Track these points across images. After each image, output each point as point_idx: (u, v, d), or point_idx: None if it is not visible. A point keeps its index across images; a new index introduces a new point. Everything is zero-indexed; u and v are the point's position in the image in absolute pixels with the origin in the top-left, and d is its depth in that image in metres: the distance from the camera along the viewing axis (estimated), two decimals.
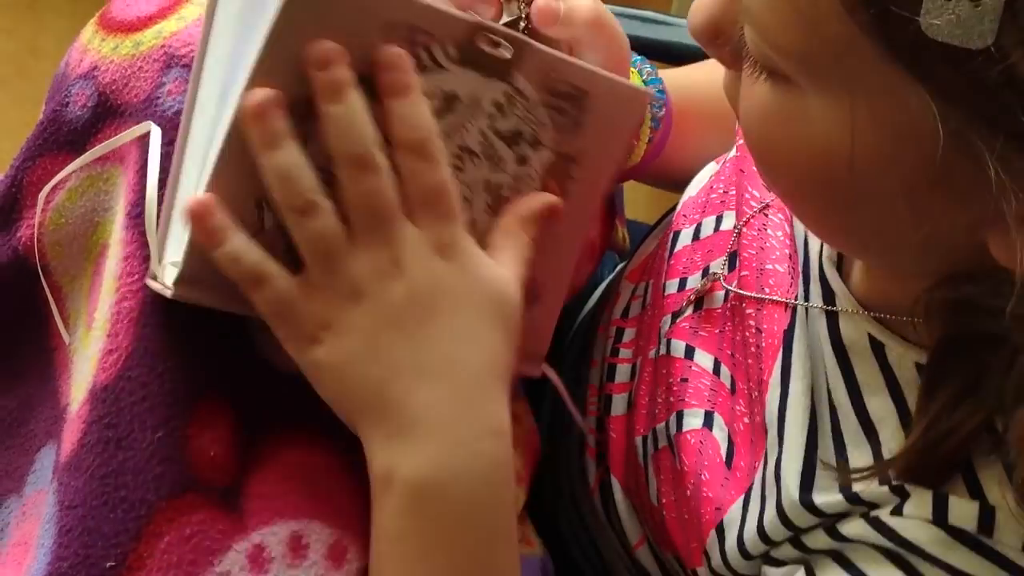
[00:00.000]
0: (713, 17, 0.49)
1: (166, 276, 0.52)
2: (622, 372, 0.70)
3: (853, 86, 0.41)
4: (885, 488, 0.50)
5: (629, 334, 0.71)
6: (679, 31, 0.95)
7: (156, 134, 0.55)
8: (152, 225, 0.53)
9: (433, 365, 0.51)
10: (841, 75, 0.41)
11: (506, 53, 0.54)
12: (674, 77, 0.73)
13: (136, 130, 0.56)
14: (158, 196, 0.54)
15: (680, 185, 0.76)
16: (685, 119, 0.72)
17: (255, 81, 0.49)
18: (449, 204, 0.53)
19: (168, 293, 0.52)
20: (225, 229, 0.50)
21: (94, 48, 0.59)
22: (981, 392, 0.46)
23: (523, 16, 0.57)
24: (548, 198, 0.57)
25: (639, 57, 0.69)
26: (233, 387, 0.55)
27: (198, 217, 0.49)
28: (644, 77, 0.69)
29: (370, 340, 0.51)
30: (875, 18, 0.37)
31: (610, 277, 0.84)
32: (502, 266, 0.55)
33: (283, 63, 0.49)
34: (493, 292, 0.54)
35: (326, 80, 0.49)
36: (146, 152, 0.55)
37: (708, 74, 0.74)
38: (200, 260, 0.51)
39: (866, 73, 0.40)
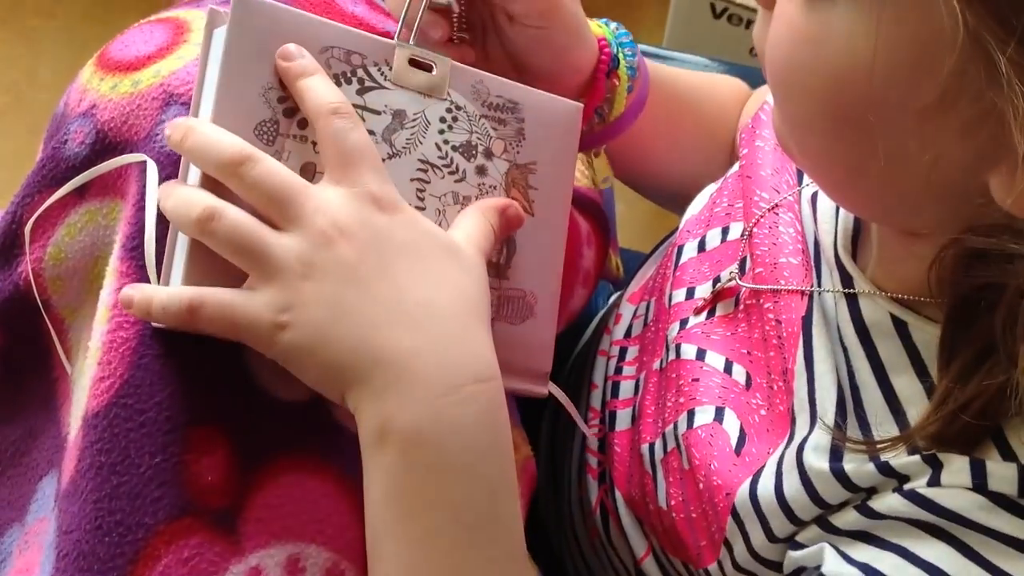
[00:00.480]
0: None
1: None
2: (626, 388, 0.71)
3: None
4: (917, 458, 0.50)
5: (632, 352, 0.72)
6: (673, 64, 0.97)
7: (152, 168, 0.56)
8: (151, 258, 0.55)
9: (406, 311, 0.52)
10: None
11: (433, 70, 0.58)
12: (661, 67, 0.74)
13: (126, 159, 0.57)
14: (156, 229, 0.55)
15: (650, 183, 0.78)
16: (666, 97, 0.73)
17: (215, 115, 0.53)
18: (377, 161, 0.54)
19: (161, 324, 0.53)
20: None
21: (93, 88, 0.60)
22: (996, 354, 0.47)
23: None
24: (508, 200, 0.60)
25: (605, 19, 0.70)
26: (230, 415, 0.55)
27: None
28: (612, 29, 0.70)
29: (335, 304, 0.51)
30: None
31: (607, 306, 0.85)
32: (455, 230, 0.57)
33: (235, 93, 0.53)
34: (445, 240, 0.55)
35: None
36: (144, 187, 0.56)
37: (696, 76, 0.76)
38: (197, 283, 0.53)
39: None
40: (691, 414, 0.62)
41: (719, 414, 0.61)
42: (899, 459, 0.51)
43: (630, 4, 1.81)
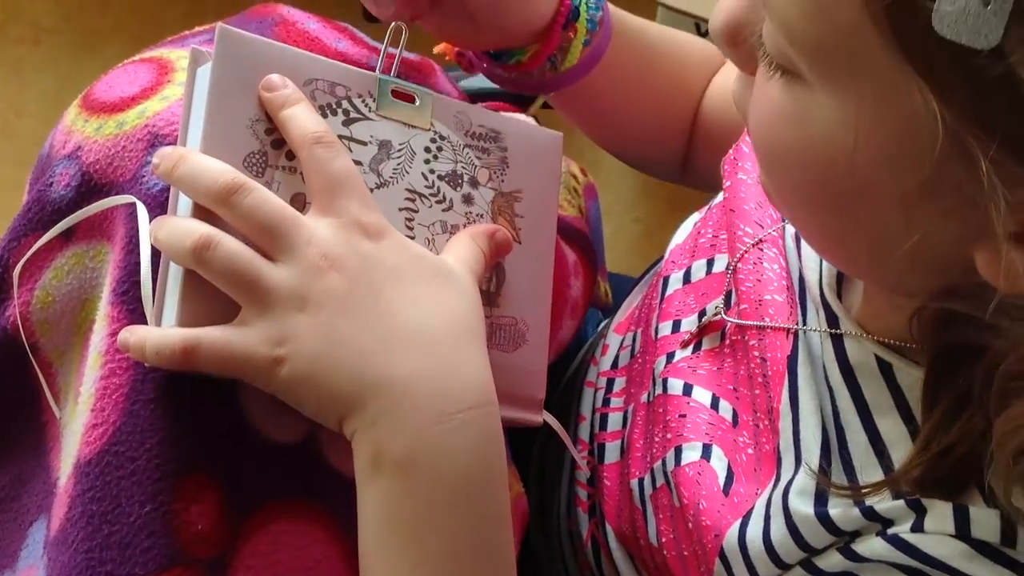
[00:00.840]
0: (734, 17, 0.50)
1: None
2: (614, 421, 0.70)
3: (861, 81, 0.43)
4: (901, 503, 0.50)
5: (619, 383, 0.72)
6: None
7: (143, 211, 0.56)
8: (149, 301, 0.54)
9: (399, 338, 0.52)
10: (850, 69, 0.43)
11: (416, 101, 0.59)
12: (633, 20, 0.73)
13: (113, 200, 0.57)
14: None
15: (601, 135, 0.78)
16: (627, 56, 0.72)
17: (204, 148, 0.53)
18: (363, 188, 0.54)
19: None
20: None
21: (77, 129, 0.60)
22: (975, 403, 0.47)
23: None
24: (496, 225, 0.60)
25: None
26: (221, 460, 0.55)
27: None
28: None
29: (329, 335, 0.51)
30: (886, 9, 0.39)
31: (593, 336, 0.84)
32: (446, 254, 0.57)
33: (223, 126, 0.54)
34: (436, 264, 0.55)
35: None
36: (132, 230, 0.56)
37: (667, 34, 0.76)
38: (192, 321, 0.52)
39: (874, 67, 0.41)
40: (678, 451, 0.62)
41: (706, 451, 0.61)
42: (883, 503, 0.51)
43: None
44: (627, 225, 1.65)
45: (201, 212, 0.53)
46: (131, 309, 0.56)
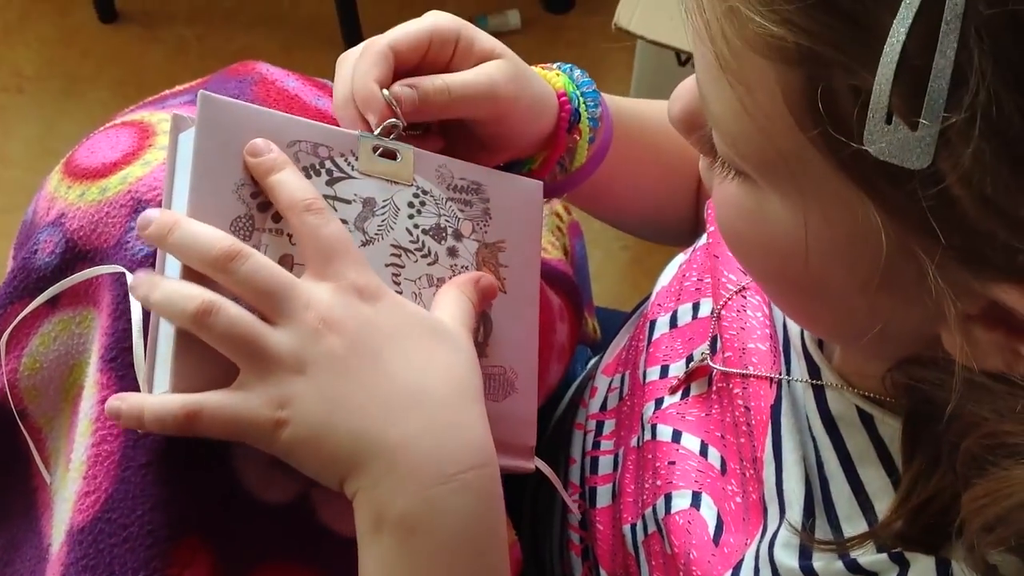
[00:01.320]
0: (689, 106, 0.51)
1: None
2: (604, 464, 0.71)
3: (806, 194, 0.43)
4: (884, 556, 0.50)
5: (609, 426, 0.72)
6: None
7: (131, 279, 0.56)
8: (140, 366, 0.54)
9: (398, 400, 0.52)
10: (795, 183, 0.43)
11: (397, 157, 0.59)
12: (625, 105, 0.74)
13: (99, 270, 0.57)
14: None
15: (613, 218, 0.78)
16: (629, 141, 0.73)
17: (192, 213, 0.53)
18: (354, 252, 0.55)
19: None
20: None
21: (60, 196, 0.60)
22: (945, 464, 0.47)
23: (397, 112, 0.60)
24: (480, 273, 0.61)
25: (568, 65, 0.70)
26: (214, 523, 0.55)
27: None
28: (576, 77, 0.69)
29: (329, 398, 0.51)
30: (822, 134, 0.39)
31: (582, 375, 0.85)
32: (438, 311, 0.57)
33: (209, 192, 0.54)
34: (431, 323, 0.55)
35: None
36: (119, 296, 0.56)
37: (656, 107, 0.76)
38: (186, 383, 0.52)
39: (818, 183, 0.42)
40: (668, 498, 0.62)
41: (696, 500, 0.61)
42: (867, 556, 0.51)
43: (594, 56, 1.83)
44: (615, 253, 1.65)
45: (192, 275, 0.53)
46: (120, 376, 0.56)
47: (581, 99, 0.67)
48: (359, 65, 0.59)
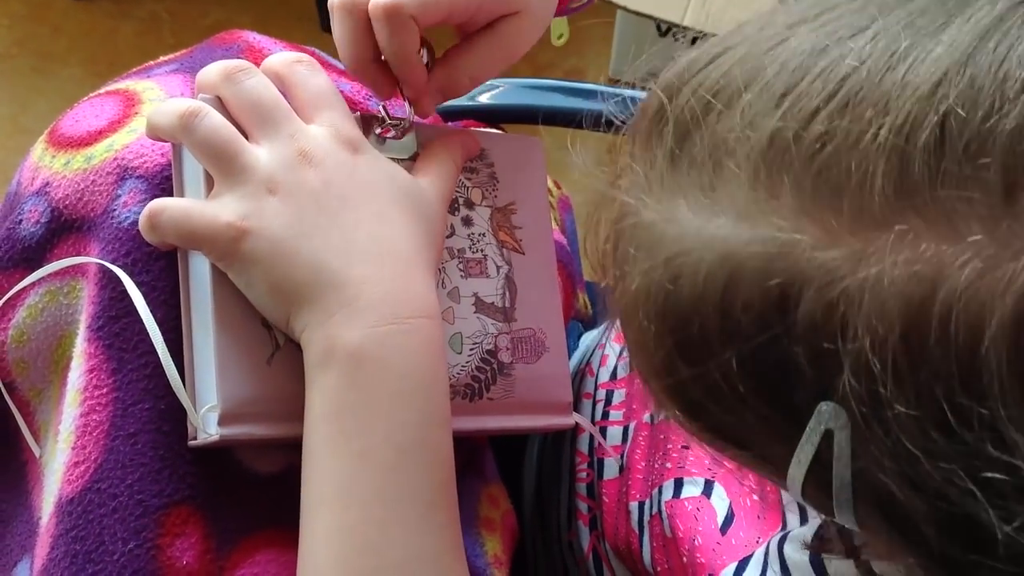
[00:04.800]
0: None
1: (207, 424, 0.53)
2: (613, 435, 0.70)
3: None
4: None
5: (619, 396, 0.72)
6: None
7: (128, 281, 0.55)
8: (177, 383, 0.54)
9: (362, 244, 0.53)
10: None
11: (399, 135, 0.59)
12: None
13: (81, 260, 0.57)
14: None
15: None
16: None
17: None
18: (343, 105, 0.56)
19: (215, 439, 0.53)
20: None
21: (45, 165, 0.59)
22: None
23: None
24: (460, 131, 0.61)
25: None
26: (204, 493, 0.55)
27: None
28: None
29: (295, 223, 0.52)
30: None
31: (585, 344, 0.84)
32: (421, 174, 0.57)
33: None
34: (407, 187, 0.56)
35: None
36: (104, 268, 0.55)
37: None
38: (234, 391, 0.53)
39: None
40: (679, 483, 0.62)
41: (708, 488, 0.61)
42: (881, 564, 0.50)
43: (574, 33, 1.81)
44: None
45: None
46: (107, 344, 0.55)
47: None
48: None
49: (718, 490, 0.60)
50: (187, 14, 1.90)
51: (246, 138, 0.54)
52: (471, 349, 0.61)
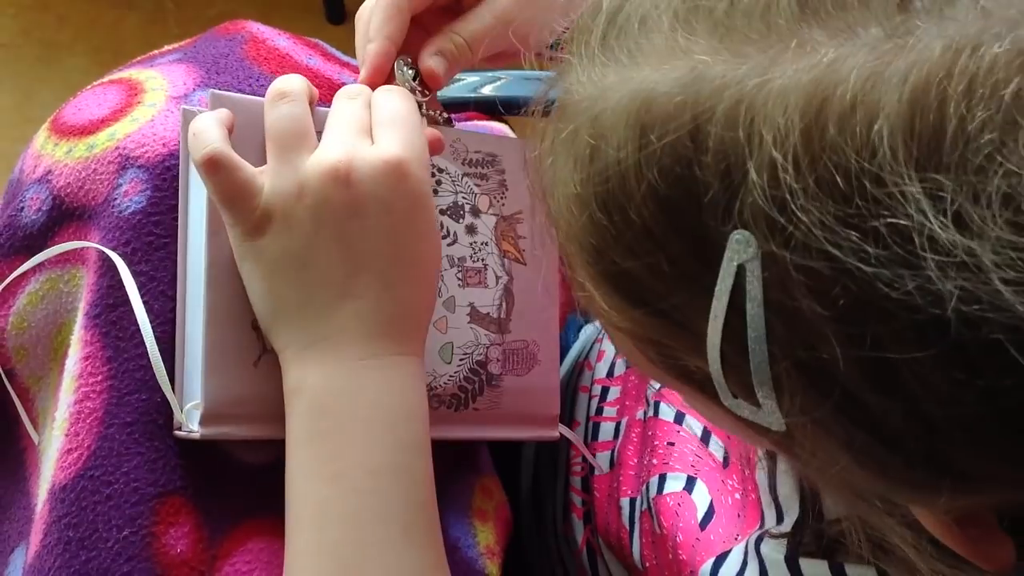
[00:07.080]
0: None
1: (190, 420, 0.54)
2: (606, 430, 0.70)
3: None
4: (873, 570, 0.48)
5: (614, 392, 0.72)
6: None
7: (123, 268, 0.55)
8: (164, 378, 0.54)
9: (363, 280, 0.52)
10: None
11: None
12: None
13: (82, 243, 0.57)
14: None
15: None
16: None
17: (211, 207, 0.53)
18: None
19: (196, 435, 0.53)
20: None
21: (47, 153, 0.59)
22: None
23: (416, 89, 0.58)
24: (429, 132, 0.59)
25: None
26: (197, 482, 0.55)
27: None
28: None
29: (308, 240, 0.51)
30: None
31: (582, 338, 0.84)
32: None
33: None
34: (425, 223, 0.54)
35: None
36: (105, 254, 0.56)
37: None
38: (219, 392, 0.53)
39: None
40: (663, 478, 0.62)
41: (690, 484, 0.61)
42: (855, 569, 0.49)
43: None
44: None
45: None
46: (104, 332, 0.55)
47: None
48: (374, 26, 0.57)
49: (700, 485, 0.61)
50: (192, 4, 1.90)
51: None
52: (461, 360, 0.61)
